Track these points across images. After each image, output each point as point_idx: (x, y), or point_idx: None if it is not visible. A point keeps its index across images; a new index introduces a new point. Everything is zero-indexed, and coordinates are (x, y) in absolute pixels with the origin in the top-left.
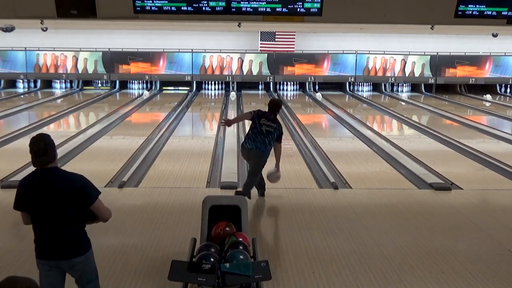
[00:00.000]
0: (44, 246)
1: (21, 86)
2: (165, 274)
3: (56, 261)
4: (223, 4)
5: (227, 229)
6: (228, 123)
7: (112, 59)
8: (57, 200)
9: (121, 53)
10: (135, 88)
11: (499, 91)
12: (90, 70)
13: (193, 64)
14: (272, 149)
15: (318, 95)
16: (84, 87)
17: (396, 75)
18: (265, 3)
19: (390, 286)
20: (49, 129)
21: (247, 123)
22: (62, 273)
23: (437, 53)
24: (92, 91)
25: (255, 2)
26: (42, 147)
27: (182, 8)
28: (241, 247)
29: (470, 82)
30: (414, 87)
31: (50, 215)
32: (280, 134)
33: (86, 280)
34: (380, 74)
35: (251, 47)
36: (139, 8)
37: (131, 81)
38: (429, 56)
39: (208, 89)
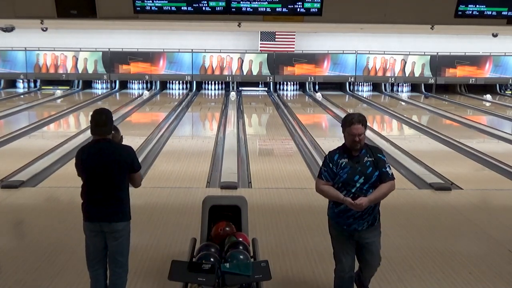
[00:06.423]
0: (91, 209)
1: (21, 86)
2: (165, 274)
3: (100, 223)
4: (223, 4)
5: (227, 229)
6: None
7: (112, 59)
8: (108, 167)
9: (121, 53)
10: (135, 88)
11: (499, 91)
12: (90, 70)
13: (193, 64)
14: None
15: (318, 95)
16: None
17: (396, 75)
18: (265, 3)
19: (390, 286)
20: (49, 129)
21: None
22: (104, 241)
23: (437, 53)
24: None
25: (255, 2)
26: (103, 119)
27: (182, 8)
28: (241, 247)
29: (470, 82)
30: (414, 87)
31: (101, 180)
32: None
33: (119, 251)
34: (380, 74)
35: (251, 47)
36: (139, 8)
37: (131, 81)
38: (429, 56)
39: (208, 89)
